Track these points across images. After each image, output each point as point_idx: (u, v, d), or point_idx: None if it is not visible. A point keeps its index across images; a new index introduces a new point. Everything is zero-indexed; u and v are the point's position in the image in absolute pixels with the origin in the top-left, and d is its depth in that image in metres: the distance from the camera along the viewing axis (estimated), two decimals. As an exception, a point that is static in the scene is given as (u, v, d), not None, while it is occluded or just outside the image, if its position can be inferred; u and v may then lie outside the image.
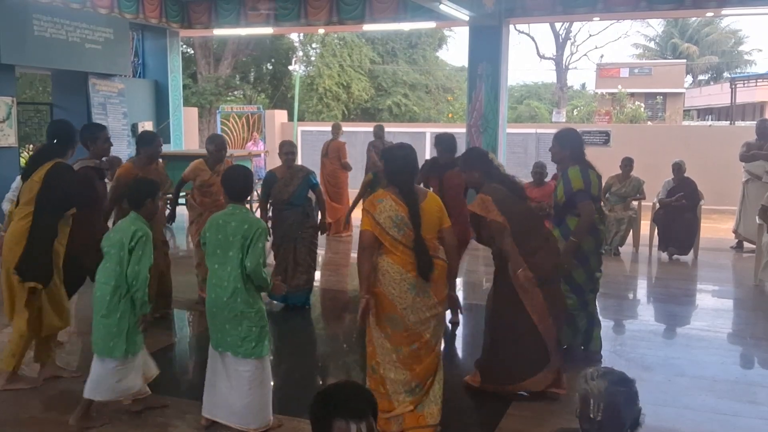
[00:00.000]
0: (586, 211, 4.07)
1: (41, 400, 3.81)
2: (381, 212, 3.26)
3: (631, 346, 4.86)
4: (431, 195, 3.43)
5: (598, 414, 1.88)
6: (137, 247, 3.40)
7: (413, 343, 3.31)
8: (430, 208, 3.32)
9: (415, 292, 3.26)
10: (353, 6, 10.17)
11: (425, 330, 3.32)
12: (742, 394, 4.03)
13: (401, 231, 3.25)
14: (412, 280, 3.24)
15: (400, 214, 3.24)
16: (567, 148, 4.20)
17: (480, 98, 9.41)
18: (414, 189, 3.37)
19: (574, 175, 4.11)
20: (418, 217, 3.25)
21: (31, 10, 8.72)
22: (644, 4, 8.64)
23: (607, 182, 8.42)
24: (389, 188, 3.35)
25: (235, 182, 3.51)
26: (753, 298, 6.33)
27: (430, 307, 3.31)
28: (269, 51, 22.19)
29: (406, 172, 3.35)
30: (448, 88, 25.92)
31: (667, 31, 37.17)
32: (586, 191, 4.10)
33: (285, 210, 5.50)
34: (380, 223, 3.25)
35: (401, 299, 3.25)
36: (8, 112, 8.61)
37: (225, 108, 14.51)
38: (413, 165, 3.42)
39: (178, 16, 11.14)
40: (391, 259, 3.25)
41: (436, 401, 3.37)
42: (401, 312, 3.27)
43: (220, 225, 3.39)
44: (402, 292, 3.25)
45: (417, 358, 3.33)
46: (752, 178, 8.14)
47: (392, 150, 3.49)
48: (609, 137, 12.65)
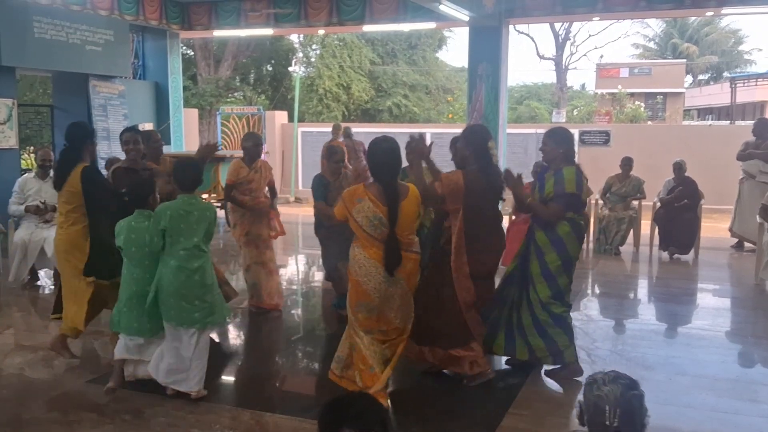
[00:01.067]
0: (556, 213, 3.92)
1: (44, 401, 3.82)
2: (359, 211, 3.41)
3: (632, 346, 4.87)
4: (413, 193, 3.49)
5: (614, 420, 1.86)
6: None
7: (382, 326, 3.55)
8: (409, 207, 3.44)
9: (389, 283, 3.44)
10: (353, 7, 10.19)
11: (394, 316, 3.54)
12: (743, 392, 4.04)
13: (377, 230, 3.40)
14: (386, 273, 3.43)
15: (378, 214, 3.38)
16: (562, 147, 4.09)
17: (480, 99, 9.42)
18: (396, 186, 3.43)
19: (570, 176, 3.94)
20: (396, 215, 3.38)
21: (32, 12, 8.73)
22: (644, 3, 8.65)
23: (607, 182, 8.44)
24: (370, 186, 3.45)
25: (186, 174, 3.77)
26: (753, 297, 6.34)
27: (402, 295, 3.52)
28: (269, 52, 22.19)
29: (390, 164, 3.42)
30: (448, 88, 25.91)
31: (667, 31, 37.17)
32: (577, 195, 3.96)
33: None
34: (357, 220, 3.42)
35: (376, 290, 3.44)
36: (9, 114, 8.62)
37: (225, 109, 14.50)
38: (397, 158, 3.47)
39: (178, 17, 11.16)
40: (367, 253, 3.42)
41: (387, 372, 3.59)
42: (375, 300, 3.45)
43: (182, 215, 3.66)
44: (377, 284, 3.43)
45: (388, 336, 3.58)
46: (747, 177, 8.17)
47: (377, 143, 3.51)
48: (609, 137, 12.66)
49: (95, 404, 3.75)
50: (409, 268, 3.48)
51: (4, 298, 6.16)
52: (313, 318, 5.72)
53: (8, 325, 5.42)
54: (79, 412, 3.67)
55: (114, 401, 3.77)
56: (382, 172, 3.43)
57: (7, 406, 3.77)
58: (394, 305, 3.51)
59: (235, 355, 4.95)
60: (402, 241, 3.43)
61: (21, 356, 4.52)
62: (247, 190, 5.42)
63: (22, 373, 4.24)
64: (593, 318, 5.61)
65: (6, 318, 5.58)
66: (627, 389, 1.90)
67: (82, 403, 3.79)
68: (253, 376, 4.42)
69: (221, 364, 4.72)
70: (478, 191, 3.82)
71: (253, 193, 5.45)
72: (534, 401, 3.80)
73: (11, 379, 4.15)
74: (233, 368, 4.65)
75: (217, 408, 3.75)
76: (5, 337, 5.02)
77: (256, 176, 5.44)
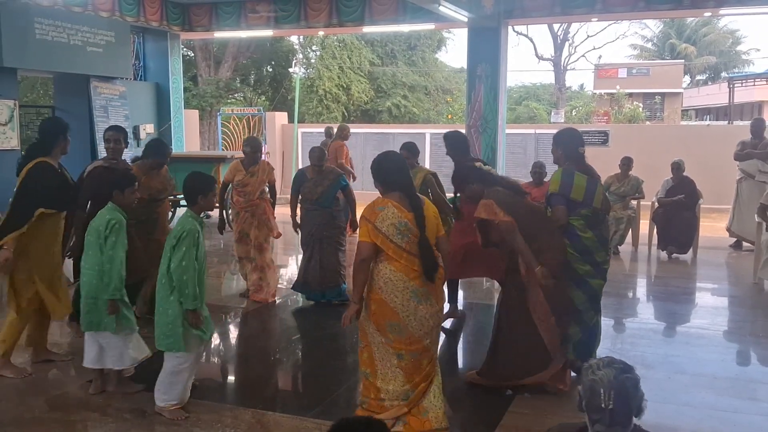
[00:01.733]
0: (554, 215, 3.91)
1: (45, 400, 3.83)
2: (383, 220, 3.22)
3: (631, 344, 4.89)
4: (428, 201, 3.44)
5: (609, 402, 1.92)
6: (111, 234, 3.69)
7: (415, 350, 3.29)
8: (430, 214, 3.32)
9: (418, 299, 3.24)
10: (353, 8, 10.21)
11: (426, 337, 3.30)
12: (742, 390, 4.06)
13: (405, 237, 3.21)
14: (414, 287, 3.23)
15: (404, 220, 3.21)
16: (559, 148, 4.12)
17: (479, 99, 9.44)
18: (415, 193, 3.36)
19: (555, 177, 4.01)
20: (423, 219, 3.24)
21: (33, 14, 8.75)
22: (642, 4, 8.67)
23: (606, 181, 8.46)
24: (389, 195, 3.30)
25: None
26: (752, 296, 6.37)
27: (433, 314, 3.30)
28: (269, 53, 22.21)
29: (403, 173, 3.35)
30: (448, 89, 25.94)
31: (665, 31, 37.22)
32: (561, 194, 3.92)
33: (313, 210, 5.65)
34: (383, 231, 3.21)
35: (404, 307, 3.23)
36: (10, 115, 8.64)
37: (226, 110, 14.53)
38: (407, 172, 3.42)
39: (178, 18, 11.18)
40: (394, 266, 3.22)
41: (439, 406, 3.35)
42: (404, 320, 3.24)
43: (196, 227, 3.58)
44: (405, 301, 3.22)
45: (418, 366, 3.32)
46: (746, 177, 8.19)
47: (387, 157, 3.45)
48: (608, 137, 12.69)
49: (97, 404, 3.76)
50: (437, 282, 3.30)
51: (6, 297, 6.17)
52: (313, 317, 5.74)
53: (10, 325, 5.42)
54: (81, 411, 3.69)
55: (115, 400, 3.78)
56: (400, 184, 3.32)
57: (8, 406, 3.78)
58: (426, 326, 3.28)
59: (235, 354, 4.97)
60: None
61: (22, 356, 4.53)
62: (242, 192, 5.80)
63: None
64: (593, 317, 5.63)
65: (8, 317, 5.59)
66: (620, 372, 1.95)
67: (83, 403, 3.80)
68: (254, 376, 4.44)
69: (222, 363, 4.75)
70: (504, 198, 3.79)
71: (247, 195, 5.79)
72: (534, 400, 3.82)
73: (13, 378, 4.16)
74: (234, 368, 4.67)
75: (218, 407, 3.76)
76: (7, 337, 5.03)
77: (252, 180, 5.78)
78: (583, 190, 3.95)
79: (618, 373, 1.95)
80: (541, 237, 3.75)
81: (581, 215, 3.94)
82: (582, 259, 3.91)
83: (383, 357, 3.32)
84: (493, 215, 3.74)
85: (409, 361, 3.30)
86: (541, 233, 3.77)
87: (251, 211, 5.83)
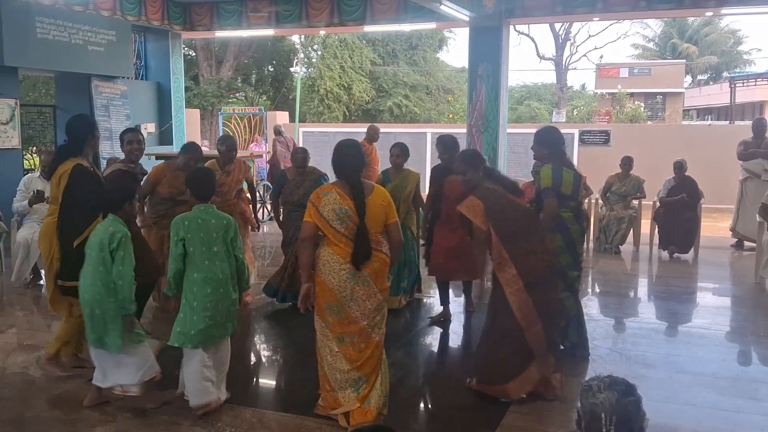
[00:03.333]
0: (548, 207, 4.09)
1: (46, 399, 3.84)
2: (325, 205, 3.35)
3: (632, 344, 4.88)
4: (379, 189, 3.49)
5: (610, 428, 1.86)
6: (119, 248, 3.52)
7: (353, 331, 3.38)
8: (376, 202, 3.39)
9: (355, 281, 3.33)
10: (354, 7, 10.21)
11: (363, 318, 3.38)
12: (743, 390, 4.06)
13: (344, 224, 3.32)
14: (351, 269, 3.33)
15: (345, 207, 3.32)
16: (545, 147, 4.23)
17: (480, 98, 9.43)
18: (360, 182, 3.43)
19: (545, 172, 4.16)
20: (363, 207, 3.33)
21: (34, 13, 8.75)
22: (644, 3, 8.65)
23: (608, 181, 8.46)
24: (336, 182, 3.44)
25: (201, 183, 3.74)
26: (753, 296, 6.36)
27: (370, 295, 3.37)
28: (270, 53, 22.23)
29: (353, 166, 3.43)
30: (449, 89, 25.95)
31: (666, 31, 37.19)
32: (553, 189, 4.12)
33: (294, 211, 5.52)
34: (323, 215, 3.34)
35: (341, 288, 3.34)
36: (11, 114, 8.65)
37: (227, 110, 14.54)
38: (360, 161, 3.50)
39: (180, 18, 11.18)
40: (332, 249, 3.34)
41: (381, 396, 3.43)
42: (341, 300, 3.35)
43: (200, 224, 3.57)
44: (342, 281, 3.33)
45: (357, 349, 3.40)
46: (750, 177, 8.17)
47: (343, 147, 3.53)
48: (609, 137, 12.69)
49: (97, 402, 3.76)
50: (376, 267, 3.37)
51: (7, 297, 6.18)
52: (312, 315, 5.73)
53: (11, 324, 5.43)
54: (81, 410, 3.68)
55: (116, 399, 3.77)
56: (346, 172, 3.41)
57: (9, 405, 3.79)
58: (360, 303, 3.36)
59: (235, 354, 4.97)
60: (371, 238, 3.37)
61: (23, 355, 4.53)
62: (219, 192, 5.47)
63: (24, 372, 4.26)
64: (593, 317, 5.62)
65: (9, 317, 5.60)
66: (623, 396, 1.88)
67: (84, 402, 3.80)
68: (254, 375, 4.44)
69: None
70: (495, 200, 3.78)
71: (223, 195, 5.56)
72: (535, 399, 3.81)
73: (14, 377, 4.16)
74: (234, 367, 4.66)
75: (219, 405, 3.76)
76: (8, 336, 5.03)
77: (228, 179, 5.61)
78: (571, 185, 4.19)
79: (620, 396, 1.88)
80: (528, 243, 3.74)
81: (570, 208, 4.18)
82: (567, 251, 4.16)
83: (325, 344, 3.45)
84: (472, 216, 3.76)
85: (349, 343, 3.40)
86: (528, 239, 3.75)
87: (228, 211, 5.65)
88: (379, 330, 3.45)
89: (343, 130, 14.35)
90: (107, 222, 3.62)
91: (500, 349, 3.75)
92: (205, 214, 3.62)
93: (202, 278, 3.54)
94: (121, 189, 3.77)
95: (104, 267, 3.52)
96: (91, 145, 4.18)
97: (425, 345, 5.07)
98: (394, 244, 3.46)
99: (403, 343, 4.92)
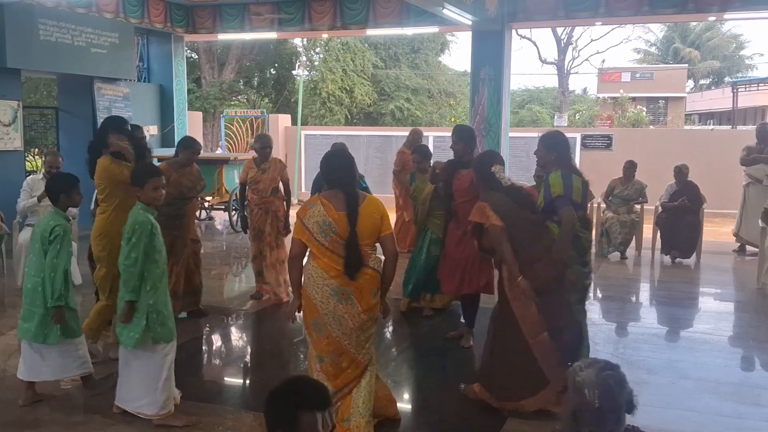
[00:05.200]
0: (566, 218, 3.75)
1: (45, 402, 3.83)
2: (310, 217, 3.24)
3: (634, 349, 4.87)
4: (373, 200, 3.36)
5: (595, 401, 1.94)
6: (55, 240, 3.62)
7: (334, 351, 3.26)
8: (369, 212, 3.26)
9: (338, 298, 3.20)
10: (357, 11, 10.22)
11: (344, 338, 3.24)
12: (746, 396, 4.05)
13: (327, 237, 3.19)
14: (334, 285, 3.20)
15: (328, 219, 3.19)
16: (553, 152, 4.02)
17: (482, 102, 9.44)
18: (355, 191, 3.33)
19: (555, 180, 3.89)
20: (355, 215, 3.20)
21: (37, 15, 8.77)
22: (646, 8, 8.66)
23: (610, 185, 8.46)
24: (325, 193, 3.32)
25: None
26: (756, 301, 6.34)
27: (353, 316, 3.22)
28: (273, 56, 22.25)
29: (345, 174, 3.32)
30: (451, 92, 25.95)
31: (669, 35, 37.23)
32: (566, 197, 3.81)
33: None
34: (308, 228, 3.23)
35: (323, 304, 3.22)
36: (14, 116, 8.66)
37: (229, 112, 14.54)
38: (351, 167, 3.40)
39: (183, 21, 11.20)
40: (317, 263, 3.24)
41: (363, 414, 3.26)
42: (323, 317, 3.23)
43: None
44: (324, 297, 3.21)
45: (339, 369, 3.28)
46: (753, 182, 8.17)
47: (331, 155, 3.48)
48: (611, 141, 12.67)
49: (98, 406, 3.75)
50: (361, 283, 3.21)
51: (9, 299, 6.18)
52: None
53: (12, 326, 5.42)
54: (83, 413, 3.69)
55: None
56: (337, 180, 3.30)
57: (10, 407, 3.78)
58: (344, 326, 3.22)
59: (237, 357, 4.97)
60: (361, 251, 3.24)
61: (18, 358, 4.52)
62: (255, 189, 5.87)
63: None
64: (595, 321, 5.61)
65: (11, 319, 5.59)
66: (601, 370, 1.98)
67: (85, 405, 3.80)
68: (256, 379, 4.43)
69: (223, 366, 4.74)
70: (504, 206, 3.72)
71: (260, 192, 5.85)
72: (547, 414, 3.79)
73: (14, 380, 4.14)
74: (235, 370, 4.66)
75: (219, 410, 3.76)
76: (9, 338, 5.03)
77: (264, 177, 5.83)
78: (581, 192, 3.95)
79: (599, 371, 1.98)
80: (534, 251, 3.64)
81: (579, 216, 3.93)
82: (579, 260, 3.92)
83: (311, 360, 3.38)
84: (484, 219, 3.68)
85: (329, 363, 3.28)
86: (535, 248, 3.66)
87: (264, 209, 5.88)
88: (363, 351, 3.31)
89: (345, 133, 14.33)
90: (49, 214, 3.75)
91: (514, 369, 3.66)
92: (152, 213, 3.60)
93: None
94: (58, 181, 3.83)
95: (44, 258, 3.63)
96: (113, 140, 4.41)
97: (427, 351, 5.05)
98: (388, 256, 3.32)
99: (405, 348, 4.91)
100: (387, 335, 5.25)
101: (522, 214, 3.74)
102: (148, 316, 3.44)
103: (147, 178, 3.57)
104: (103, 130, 4.51)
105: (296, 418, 1.71)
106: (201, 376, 4.43)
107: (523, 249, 3.64)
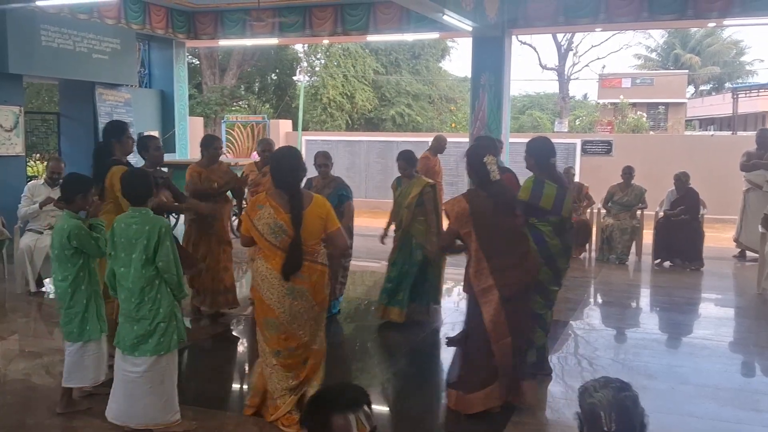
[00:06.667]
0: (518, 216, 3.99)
1: (48, 406, 3.84)
2: (260, 218, 3.34)
3: (634, 354, 4.87)
4: (318, 199, 3.44)
5: (612, 425, 1.86)
6: (80, 245, 3.61)
7: (293, 345, 3.41)
8: (313, 213, 3.35)
9: (293, 297, 3.32)
10: (357, 17, 10.26)
11: (301, 331, 3.40)
12: (746, 402, 4.05)
13: (278, 237, 3.30)
14: (290, 285, 3.31)
15: (279, 221, 3.30)
16: (531, 157, 4.19)
17: (483, 108, 9.46)
18: (299, 192, 3.39)
19: (526, 185, 4.13)
20: (299, 219, 3.29)
21: (39, 21, 8.81)
22: (646, 14, 8.69)
23: (609, 191, 8.47)
24: (273, 193, 3.38)
25: (135, 188, 3.49)
26: (756, 307, 6.34)
27: (308, 309, 3.38)
28: (274, 61, 22.32)
29: (291, 175, 3.38)
30: (451, 98, 26.00)
31: (669, 41, 37.29)
32: (527, 203, 4.03)
33: None
34: (258, 228, 3.34)
35: (279, 304, 3.32)
36: (16, 121, 8.69)
37: (230, 118, 14.59)
38: (299, 169, 3.44)
39: (184, 26, 11.24)
40: (270, 264, 3.32)
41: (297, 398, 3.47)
42: (279, 316, 3.34)
43: (123, 228, 3.38)
44: (279, 297, 3.32)
45: (296, 358, 3.44)
46: (753, 188, 8.19)
47: (282, 155, 3.48)
48: (611, 147, 12.70)
49: (99, 410, 3.75)
50: (314, 280, 3.34)
51: (10, 304, 6.19)
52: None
53: (13, 330, 5.44)
54: (83, 417, 3.69)
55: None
56: (286, 183, 3.35)
57: (11, 412, 3.79)
58: (301, 320, 3.36)
59: (238, 362, 4.97)
60: (306, 250, 3.32)
61: (25, 362, 4.54)
62: (255, 192, 5.82)
63: (26, 379, 4.26)
64: (595, 327, 5.62)
65: (11, 324, 5.61)
66: (618, 391, 1.91)
67: (86, 410, 3.79)
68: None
69: (225, 371, 4.74)
70: (483, 208, 3.72)
71: None
72: (536, 410, 3.80)
73: (16, 384, 4.17)
74: (237, 375, 4.67)
75: (220, 414, 3.77)
76: (10, 343, 5.04)
77: (264, 179, 5.77)
78: (552, 199, 4.06)
79: (616, 392, 1.90)
80: (508, 259, 3.66)
81: (550, 222, 4.07)
82: (546, 265, 4.02)
83: (264, 356, 3.48)
84: (451, 216, 3.72)
85: (286, 356, 3.42)
86: (509, 255, 3.68)
87: None
88: (317, 339, 3.49)
89: (346, 139, 14.37)
90: (61, 220, 3.71)
91: (473, 357, 3.74)
92: (130, 218, 3.41)
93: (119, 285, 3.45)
94: (76, 182, 3.81)
95: (71, 263, 3.62)
96: (118, 146, 4.48)
97: (425, 357, 5.05)
98: (337, 252, 3.54)
99: (404, 353, 4.92)
100: (385, 342, 5.25)
101: (498, 220, 3.74)
102: None
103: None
104: (106, 137, 4.58)
105: (329, 421, 1.71)
106: (202, 381, 4.43)
107: (496, 255, 3.65)
